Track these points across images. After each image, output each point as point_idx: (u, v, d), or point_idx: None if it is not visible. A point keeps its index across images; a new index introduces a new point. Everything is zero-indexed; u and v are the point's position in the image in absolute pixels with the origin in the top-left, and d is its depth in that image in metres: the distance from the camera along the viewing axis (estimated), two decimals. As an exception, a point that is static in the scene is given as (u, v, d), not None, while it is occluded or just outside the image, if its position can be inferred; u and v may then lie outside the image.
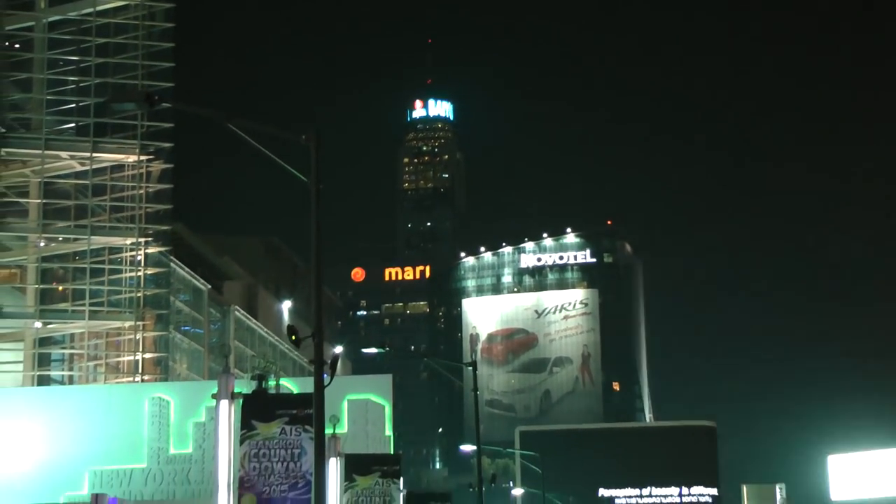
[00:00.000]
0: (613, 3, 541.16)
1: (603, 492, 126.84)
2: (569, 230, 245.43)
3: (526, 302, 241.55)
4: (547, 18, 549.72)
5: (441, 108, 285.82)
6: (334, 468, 27.04)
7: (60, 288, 56.40)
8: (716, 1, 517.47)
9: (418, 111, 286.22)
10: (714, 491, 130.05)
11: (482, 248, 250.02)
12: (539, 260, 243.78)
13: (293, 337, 22.25)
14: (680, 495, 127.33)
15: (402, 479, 30.83)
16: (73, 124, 55.28)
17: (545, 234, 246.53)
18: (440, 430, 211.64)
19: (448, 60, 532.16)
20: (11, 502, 29.60)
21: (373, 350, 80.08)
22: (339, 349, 75.12)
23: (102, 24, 55.15)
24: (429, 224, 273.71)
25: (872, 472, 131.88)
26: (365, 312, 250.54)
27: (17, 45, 55.11)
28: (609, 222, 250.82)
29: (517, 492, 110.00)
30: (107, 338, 56.44)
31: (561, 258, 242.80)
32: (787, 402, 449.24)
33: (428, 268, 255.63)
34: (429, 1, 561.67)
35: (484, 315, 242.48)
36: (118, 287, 55.56)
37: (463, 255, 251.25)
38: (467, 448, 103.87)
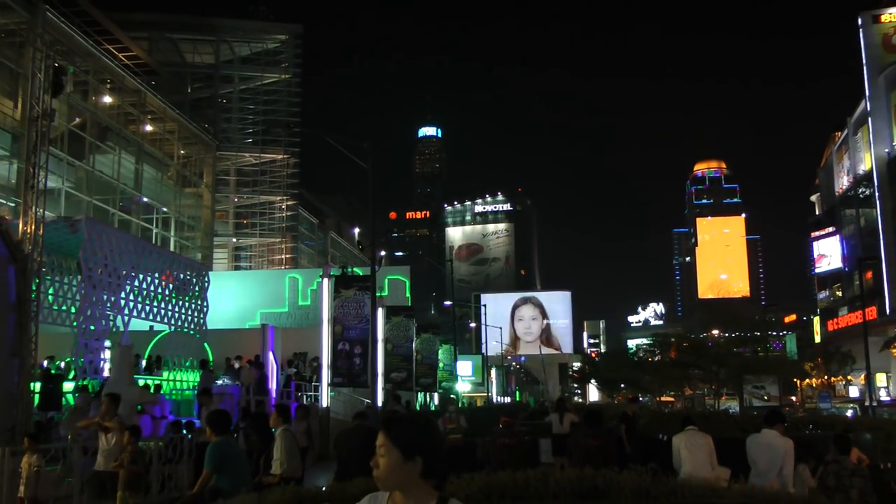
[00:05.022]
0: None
1: (515, 324, 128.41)
2: (499, 193, 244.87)
3: (477, 229, 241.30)
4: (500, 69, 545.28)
5: (433, 130, 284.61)
6: (381, 313, 27.41)
7: (245, 221, 56.58)
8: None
9: (422, 131, 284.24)
10: (569, 321, 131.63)
11: (455, 202, 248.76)
12: (484, 208, 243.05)
13: (360, 246, 22.55)
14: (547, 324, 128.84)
15: (414, 319, 31.21)
16: (250, 139, 55.21)
17: (487, 195, 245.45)
18: (433, 294, 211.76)
19: (439, 98, 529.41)
20: (221, 326, 29.86)
21: (399, 253, 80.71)
22: (382, 253, 75.19)
23: (266, 89, 55.07)
24: (428, 189, 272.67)
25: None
26: (395, 234, 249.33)
27: (223, 101, 54.86)
28: (520, 189, 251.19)
29: (472, 325, 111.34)
30: (268, 247, 56.72)
31: (495, 208, 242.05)
32: (612, 272, 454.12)
33: (428, 212, 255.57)
34: (433, 54, 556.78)
35: (456, 236, 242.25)
36: (273, 221, 55.79)
37: (446, 205, 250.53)
38: (447, 303, 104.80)
